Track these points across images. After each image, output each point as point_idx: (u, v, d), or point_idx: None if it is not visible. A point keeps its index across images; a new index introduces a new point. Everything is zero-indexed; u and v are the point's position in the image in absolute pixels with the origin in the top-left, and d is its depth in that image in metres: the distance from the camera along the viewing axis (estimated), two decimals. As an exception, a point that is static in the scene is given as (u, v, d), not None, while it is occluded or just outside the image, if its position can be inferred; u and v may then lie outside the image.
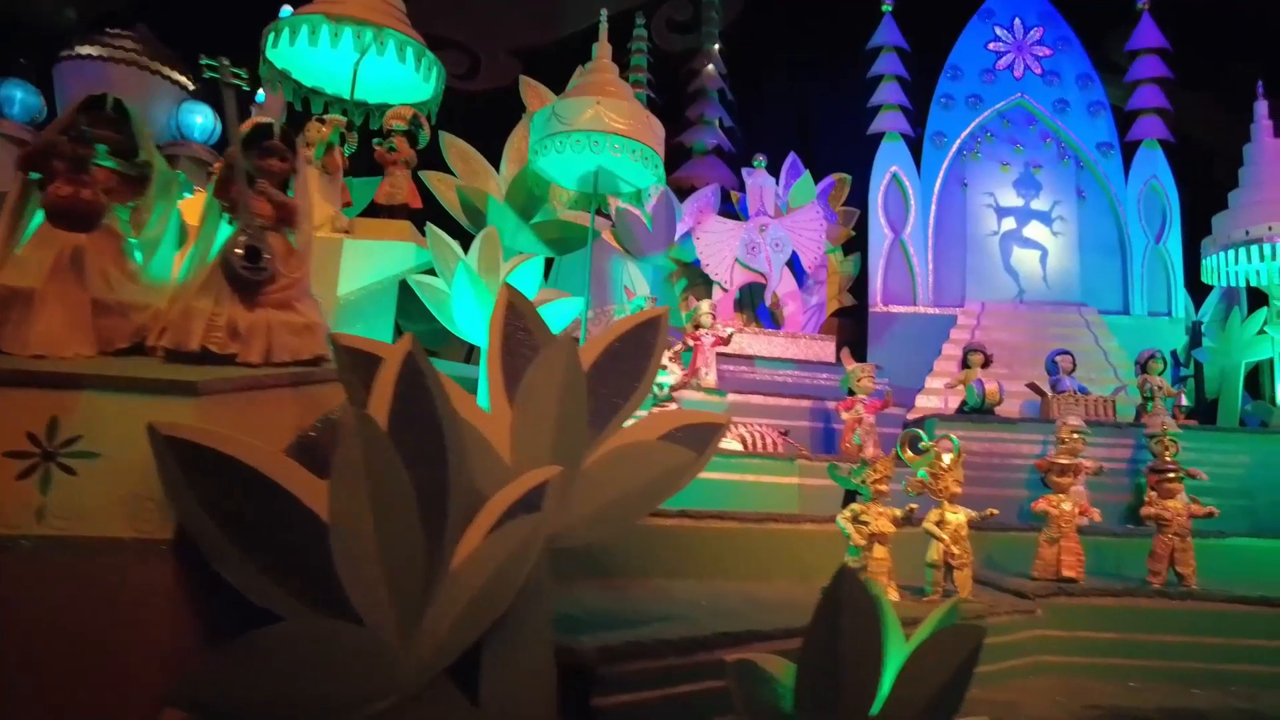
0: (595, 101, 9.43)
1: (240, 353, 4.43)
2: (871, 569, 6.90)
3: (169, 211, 4.86)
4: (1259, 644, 7.28)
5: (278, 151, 5.00)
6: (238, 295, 4.54)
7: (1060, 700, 6.30)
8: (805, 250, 13.63)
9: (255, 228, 4.66)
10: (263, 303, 4.60)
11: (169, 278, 4.78)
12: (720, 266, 13.21)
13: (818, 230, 13.69)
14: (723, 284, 13.28)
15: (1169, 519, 7.96)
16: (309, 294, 4.92)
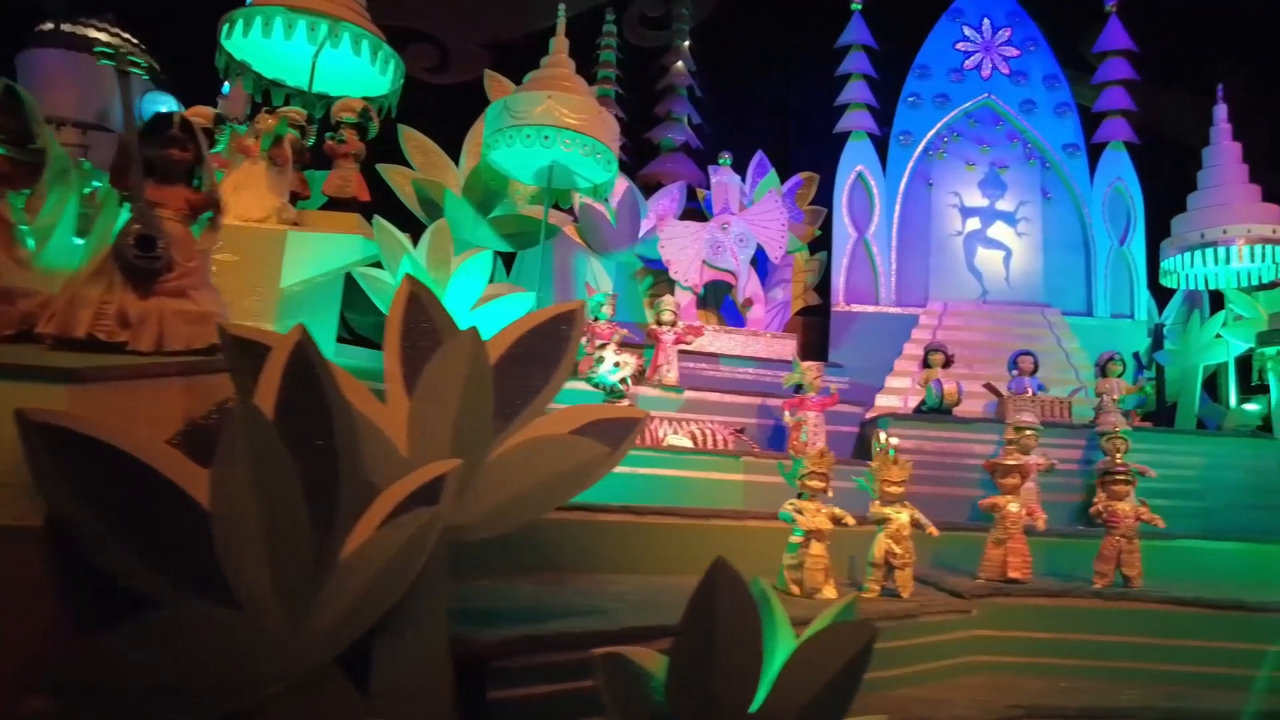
0: (547, 96, 9.44)
1: (130, 341, 4.39)
2: (807, 565, 6.91)
3: (65, 198, 4.81)
4: (1196, 644, 7.29)
5: (177, 141, 4.95)
6: (130, 283, 4.50)
7: (984, 699, 6.29)
8: (770, 242, 13.62)
9: (150, 216, 4.62)
10: (157, 291, 4.56)
11: (65, 265, 4.74)
12: (687, 269, 13.17)
13: (779, 220, 13.66)
14: (691, 287, 13.21)
15: (1116, 520, 7.93)
16: (209, 284, 4.88)
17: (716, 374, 12.29)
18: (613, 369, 9.42)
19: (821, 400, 10.55)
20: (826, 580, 6.96)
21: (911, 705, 6.06)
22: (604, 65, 17.43)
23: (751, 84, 18.84)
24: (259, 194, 8.56)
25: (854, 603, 4.38)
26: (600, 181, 10.44)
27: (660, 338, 11.40)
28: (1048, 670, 7.14)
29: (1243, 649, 7.27)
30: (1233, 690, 6.92)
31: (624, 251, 14.14)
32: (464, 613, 4.90)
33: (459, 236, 11.37)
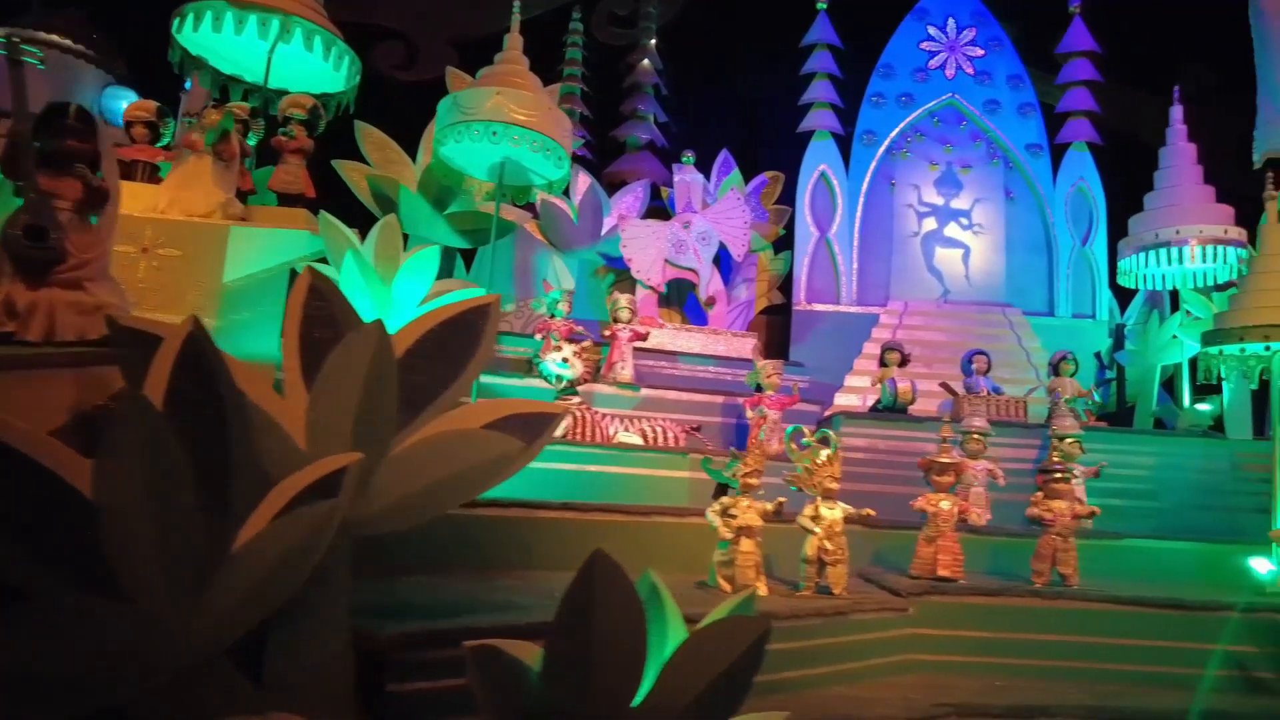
0: (496, 92, 9.41)
1: (17, 331, 4.36)
2: (739, 562, 6.90)
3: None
4: (1132, 643, 7.34)
5: (74, 131, 4.91)
6: (20, 274, 4.47)
7: (914, 697, 6.28)
8: (732, 241, 13.60)
9: (42, 206, 4.58)
10: (50, 282, 4.53)
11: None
12: (649, 268, 13.14)
13: (741, 218, 13.64)
14: (653, 286, 13.19)
15: (1053, 519, 7.93)
16: (106, 275, 4.84)
17: (676, 372, 12.27)
18: (560, 363, 9.43)
19: (780, 399, 10.57)
20: (758, 577, 6.94)
21: (840, 703, 6.05)
22: (570, 63, 17.40)
23: (719, 82, 18.83)
24: (204, 189, 8.50)
25: (751, 597, 4.35)
26: (555, 179, 10.38)
27: (616, 335, 11.37)
28: (983, 669, 7.14)
29: (1179, 648, 7.33)
30: (1166, 689, 6.95)
31: (586, 249, 14.13)
32: (380, 607, 4.88)
33: (415, 233, 11.40)
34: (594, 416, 9.65)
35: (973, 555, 8.76)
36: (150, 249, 7.93)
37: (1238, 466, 10.63)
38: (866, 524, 7.56)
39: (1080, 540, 8.95)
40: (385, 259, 9.35)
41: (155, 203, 8.32)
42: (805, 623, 6.51)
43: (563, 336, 10.54)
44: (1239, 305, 8.73)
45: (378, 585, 5.88)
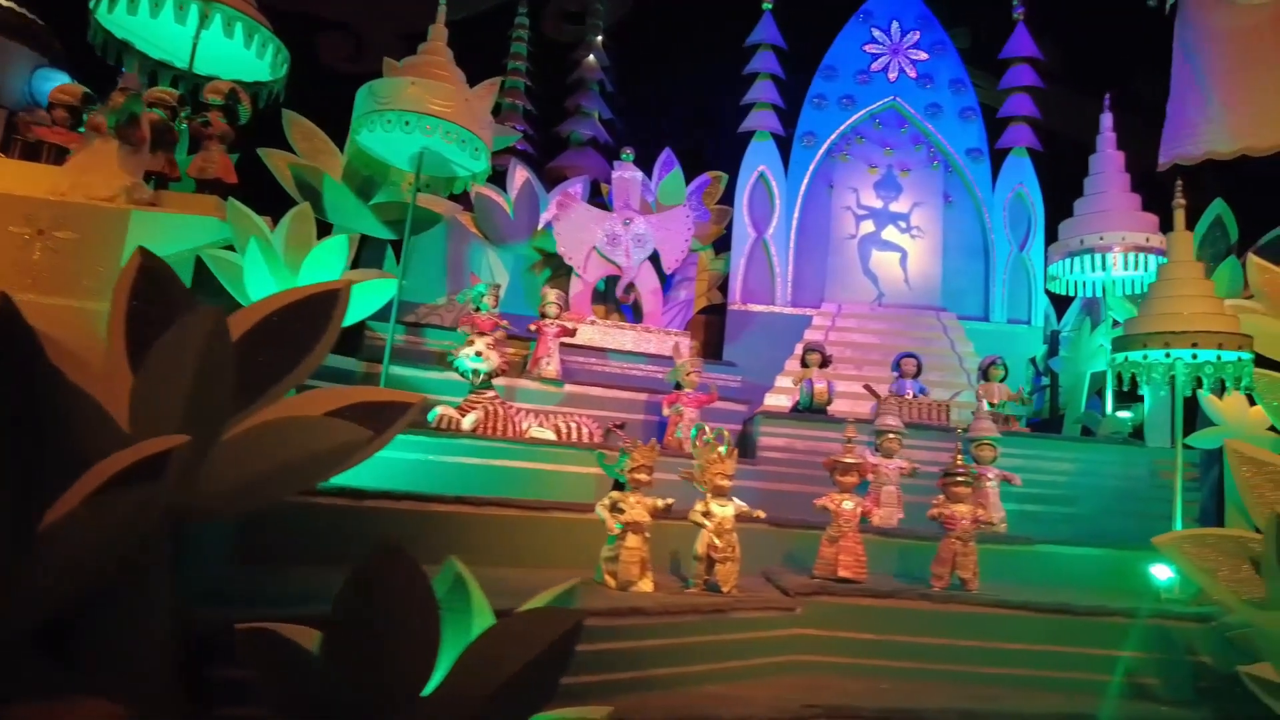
0: (410, 82, 9.33)
1: None
2: (623, 558, 6.88)
3: None
4: (1020, 647, 7.36)
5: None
6: None
7: (786, 697, 6.24)
8: (667, 251, 13.51)
9: None
10: None
11: None
12: (578, 254, 13.09)
13: (683, 234, 13.57)
14: (578, 270, 13.14)
15: (953, 523, 7.92)
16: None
17: (606, 369, 12.23)
18: (474, 357, 9.36)
19: (698, 397, 10.56)
20: (643, 573, 6.92)
21: (708, 702, 6.01)
22: (515, 57, 17.33)
23: (666, 81, 18.75)
24: (107, 172, 8.43)
25: (573, 589, 4.30)
26: (477, 171, 10.31)
27: (542, 330, 11.33)
28: (869, 671, 7.14)
29: (1067, 652, 7.35)
30: (1050, 693, 7.00)
31: (522, 244, 14.06)
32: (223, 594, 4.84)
33: (340, 223, 11.29)
34: (507, 411, 9.60)
35: (882, 557, 8.80)
36: (46, 231, 7.86)
37: (1156, 474, 10.64)
38: (756, 523, 7.53)
39: (992, 545, 9.02)
40: (296, 247, 9.27)
41: (56, 185, 8.24)
42: (681, 619, 6.47)
43: (487, 330, 10.50)
44: (1144, 312, 8.72)
45: (257, 574, 5.85)
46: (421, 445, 8.91)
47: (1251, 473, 6.44)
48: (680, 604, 6.54)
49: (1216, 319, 8.31)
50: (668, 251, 13.60)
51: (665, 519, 7.41)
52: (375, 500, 7.45)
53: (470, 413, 9.26)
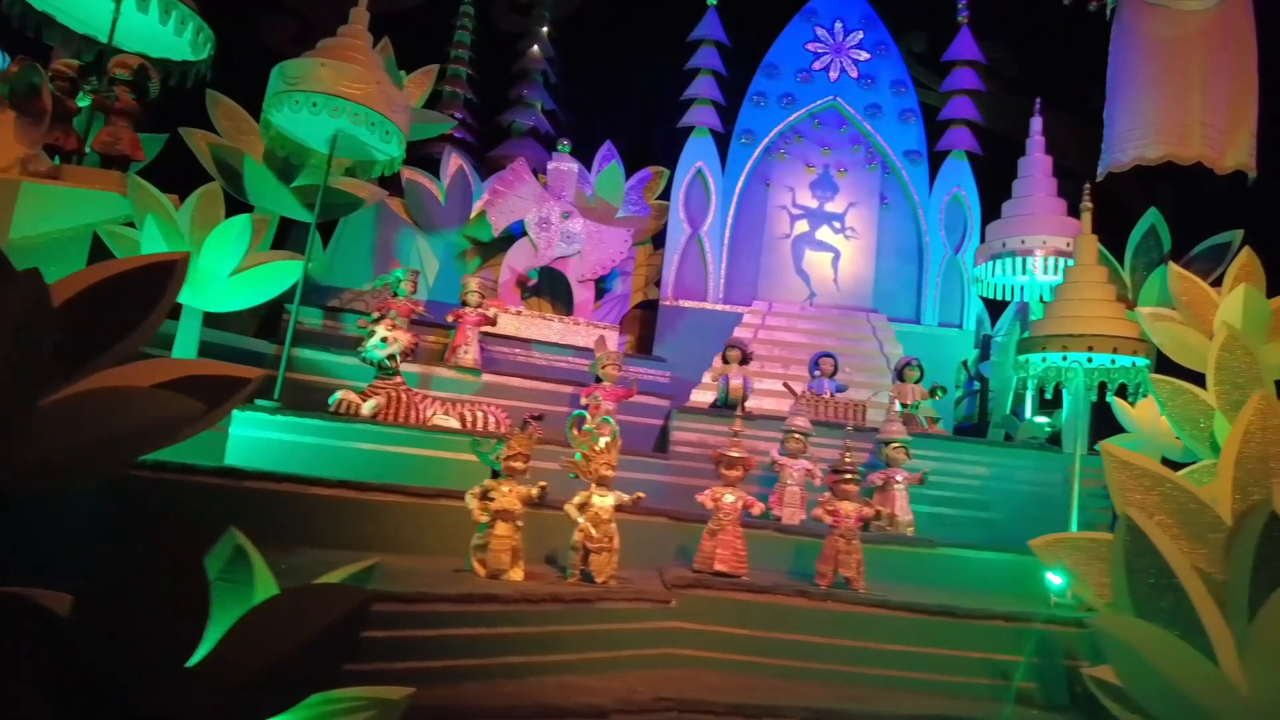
0: (320, 63, 9.25)
1: None
2: (492, 546, 6.80)
3: None
4: (897, 649, 7.30)
5: None
6: None
7: (638, 689, 6.16)
8: (590, 262, 13.44)
9: None
10: None
11: None
12: (501, 218, 13.09)
13: (613, 254, 13.54)
14: (494, 230, 13.11)
15: (838, 520, 7.88)
16: None
17: (529, 360, 12.16)
18: (379, 344, 9.26)
19: (616, 390, 10.48)
20: (514, 562, 6.85)
21: (556, 691, 5.92)
22: (458, 46, 17.26)
23: (615, 75, 18.69)
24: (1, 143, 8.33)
25: (371, 569, 4.23)
26: (393, 156, 10.24)
27: (461, 318, 11.26)
28: (741, 667, 7.07)
29: (946, 655, 7.28)
30: (924, 695, 6.94)
31: (453, 231, 13.99)
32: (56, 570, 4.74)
33: (260, 204, 11.25)
34: (411, 398, 9.49)
35: (782, 554, 8.74)
36: (-69, 199, 7.77)
37: (1070, 480, 10.57)
38: (659, 517, 7.50)
39: (895, 547, 8.99)
40: (200, 226, 9.16)
41: (-56, 155, 8.15)
42: (540, 609, 6.39)
43: (405, 316, 10.44)
44: (1047, 315, 8.70)
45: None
46: (320, 429, 8.82)
47: (1122, 476, 6.40)
48: (539, 592, 6.46)
49: (1114, 323, 8.29)
50: (591, 263, 13.54)
51: (556, 509, 7.35)
52: (255, 481, 7.37)
53: (371, 398, 9.15)
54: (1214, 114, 11.03)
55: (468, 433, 9.41)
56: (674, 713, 5.93)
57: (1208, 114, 11.03)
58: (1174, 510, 6.25)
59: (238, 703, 3.59)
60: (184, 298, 9.25)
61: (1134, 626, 5.41)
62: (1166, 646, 5.22)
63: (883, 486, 9.90)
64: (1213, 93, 11.12)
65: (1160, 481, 6.31)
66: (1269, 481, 6.08)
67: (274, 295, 9.87)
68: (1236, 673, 5.04)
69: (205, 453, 8.33)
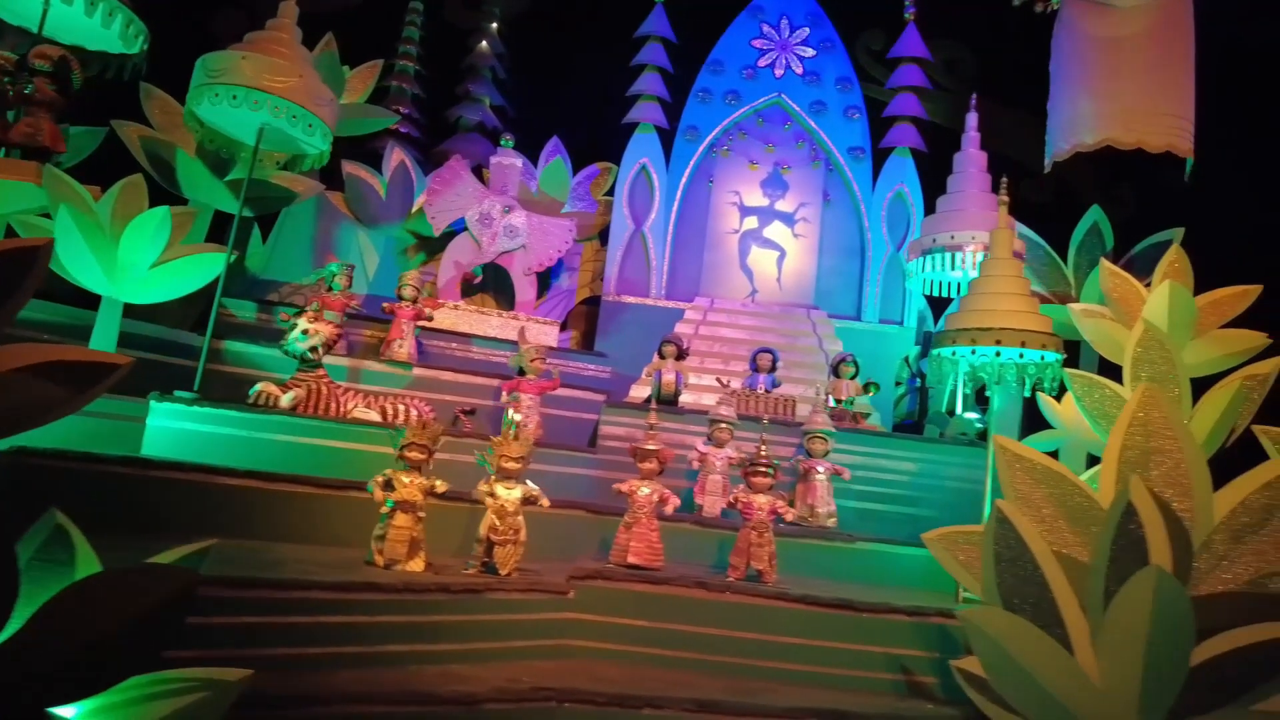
0: (242, 56, 9.24)
1: None
2: (390, 536, 6.81)
3: None
4: (795, 641, 7.32)
5: None
6: None
7: (521, 679, 6.15)
8: (536, 254, 13.31)
9: None
10: None
11: None
12: (441, 217, 12.97)
13: (558, 245, 13.40)
14: (435, 230, 13.04)
15: (750, 513, 7.91)
16: None
17: (468, 354, 12.17)
18: (300, 336, 9.24)
19: (539, 384, 10.49)
20: (413, 553, 6.86)
21: (434, 679, 5.91)
22: (406, 42, 17.27)
23: (564, 71, 18.68)
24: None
25: (203, 551, 4.23)
26: (321, 150, 10.24)
27: (397, 313, 11.27)
28: (636, 658, 7.08)
29: (845, 649, 7.27)
30: (819, 688, 6.93)
31: (395, 225, 14.00)
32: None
33: (195, 197, 11.25)
34: (333, 390, 9.47)
35: (703, 547, 8.75)
36: None
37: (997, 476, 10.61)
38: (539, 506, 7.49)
39: (814, 541, 9.01)
40: (123, 219, 9.15)
41: None
42: (426, 598, 6.40)
43: (339, 310, 10.46)
44: (961, 309, 8.73)
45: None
46: (238, 421, 8.80)
47: (1012, 468, 6.44)
48: (424, 582, 6.47)
49: (1023, 317, 8.31)
50: (537, 254, 13.45)
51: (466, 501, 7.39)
52: (162, 471, 7.38)
53: (291, 390, 9.15)
54: (1152, 100, 11.07)
55: (386, 426, 9.40)
56: (552, 702, 5.93)
57: (1146, 100, 11.08)
58: (1061, 503, 6.29)
59: (47, 682, 3.60)
60: (103, 289, 9.25)
61: (996, 617, 5.44)
62: (1026, 638, 5.26)
63: (804, 477, 9.95)
64: (1151, 81, 11.17)
65: (1048, 474, 6.35)
66: (1151, 474, 6.11)
67: (197, 288, 9.85)
68: (1090, 663, 5.08)
69: (123, 443, 8.37)
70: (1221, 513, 5.81)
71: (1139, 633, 4.81)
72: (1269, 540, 5.75)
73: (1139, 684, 4.86)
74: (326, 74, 12.67)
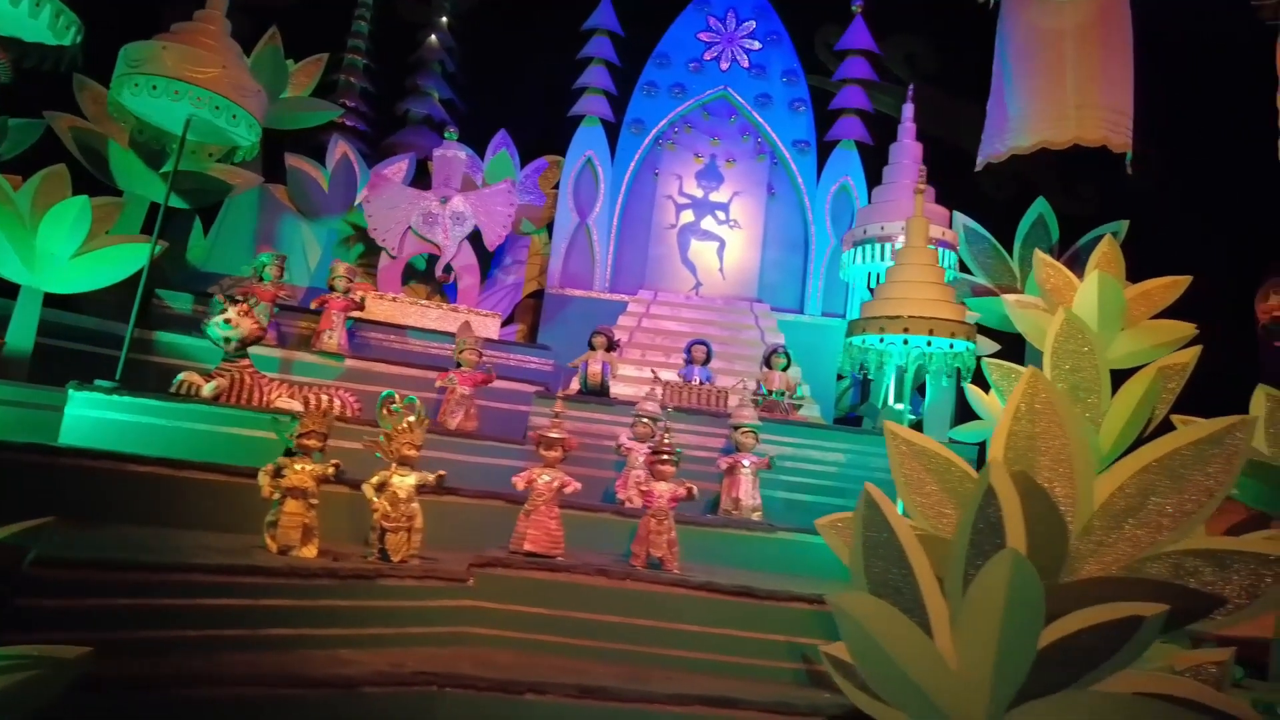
0: (162, 46, 9.25)
1: None
2: (282, 523, 6.82)
3: None
4: (694, 629, 7.26)
5: None
6: None
7: (405, 664, 6.15)
8: (488, 228, 13.37)
9: None
10: None
11: None
12: (390, 234, 12.96)
13: (504, 209, 13.43)
14: (390, 251, 13.05)
15: (651, 500, 7.94)
16: None
17: (404, 346, 12.17)
18: (222, 324, 9.24)
19: (473, 376, 10.50)
20: (306, 539, 6.86)
21: (323, 663, 5.91)
22: (355, 35, 17.23)
23: (515, 64, 18.67)
24: None
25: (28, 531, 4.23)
26: (251, 141, 10.25)
27: (328, 304, 11.28)
28: (533, 646, 7.04)
29: (741, 636, 7.25)
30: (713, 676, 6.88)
31: (337, 218, 14.00)
32: None
33: (129, 189, 11.25)
34: (257, 380, 9.48)
35: (618, 536, 8.74)
36: None
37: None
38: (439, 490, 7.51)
39: (734, 532, 9.01)
40: (43, 209, 9.17)
41: None
42: (312, 583, 6.40)
43: (269, 301, 10.49)
44: (875, 297, 8.76)
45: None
46: (158, 410, 8.80)
47: (903, 453, 6.48)
48: (311, 567, 6.47)
49: (931, 305, 8.35)
50: (489, 228, 13.45)
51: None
52: (71, 458, 7.39)
53: (214, 380, 9.15)
54: (1090, 95, 11.12)
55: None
56: (433, 687, 5.93)
57: (1083, 96, 11.12)
58: (948, 488, 6.34)
59: None
60: (22, 278, 9.26)
61: (862, 602, 5.46)
62: (890, 622, 5.28)
63: (729, 470, 9.95)
64: (1089, 76, 11.22)
65: (935, 460, 6.40)
66: (1037, 459, 6.15)
67: (120, 279, 9.86)
68: (948, 647, 5.10)
69: (42, 432, 8.38)
70: (1101, 497, 5.86)
71: (993, 616, 4.82)
72: (1145, 524, 5.80)
73: (991, 667, 4.88)
74: (269, 68, 12.73)
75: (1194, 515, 5.70)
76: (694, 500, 8.18)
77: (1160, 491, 5.78)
